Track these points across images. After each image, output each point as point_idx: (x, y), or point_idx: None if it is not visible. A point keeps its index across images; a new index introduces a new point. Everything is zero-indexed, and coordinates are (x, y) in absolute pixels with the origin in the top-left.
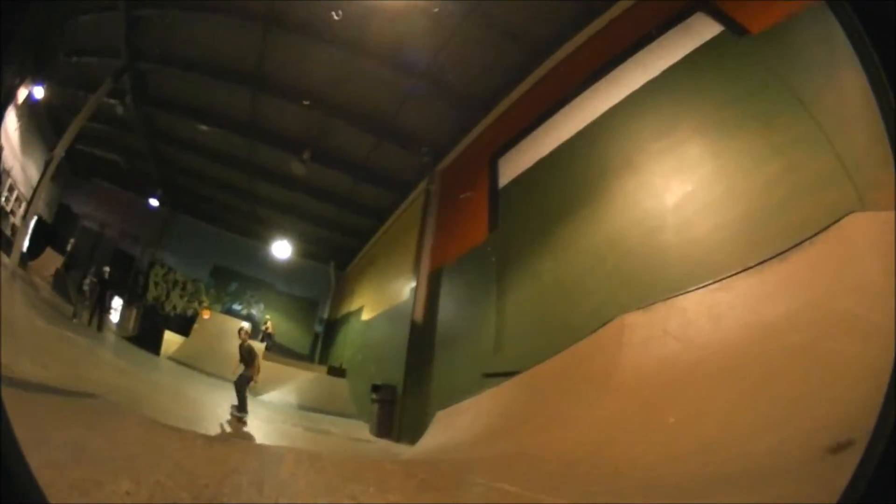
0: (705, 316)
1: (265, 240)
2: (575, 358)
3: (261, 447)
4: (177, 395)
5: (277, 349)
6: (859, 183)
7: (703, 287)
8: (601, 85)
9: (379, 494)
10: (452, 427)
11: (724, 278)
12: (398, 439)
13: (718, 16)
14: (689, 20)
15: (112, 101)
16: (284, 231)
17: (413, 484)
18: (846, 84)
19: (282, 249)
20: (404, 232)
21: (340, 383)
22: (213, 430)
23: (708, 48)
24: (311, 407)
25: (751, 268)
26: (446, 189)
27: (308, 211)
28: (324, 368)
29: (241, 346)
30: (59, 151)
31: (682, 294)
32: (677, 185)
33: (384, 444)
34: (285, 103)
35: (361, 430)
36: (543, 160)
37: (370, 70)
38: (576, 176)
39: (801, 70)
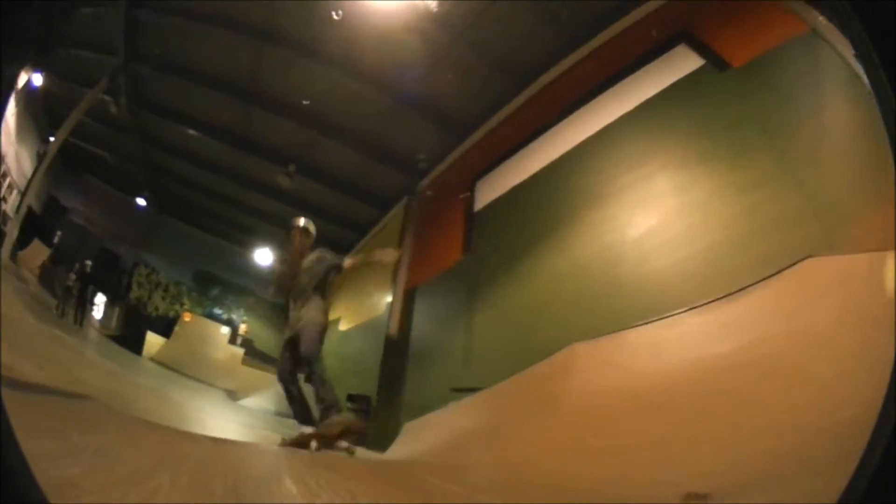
0: (648, 350)
1: (247, 246)
2: (530, 379)
3: (259, 447)
4: (162, 399)
5: (256, 355)
6: (830, 224)
7: (648, 323)
8: (579, 115)
9: (342, 481)
10: (418, 437)
11: (667, 316)
12: (370, 447)
13: (701, 49)
14: (670, 53)
15: (107, 98)
16: (267, 238)
17: (370, 477)
18: (827, 122)
19: (264, 256)
20: (383, 247)
21: None
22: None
23: (687, 82)
24: (288, 413)
25: (696, 307)
26: (426, 208)
27: (290, 221)
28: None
29: (290, 265)
30: (56, 145)
31: (627, 329)
32: (640, 220)
33: (357, 451)
34: (275, 117)
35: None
36: (519, 186)
37: (359, 89)
38: (548, 204)
39: (778, 107)
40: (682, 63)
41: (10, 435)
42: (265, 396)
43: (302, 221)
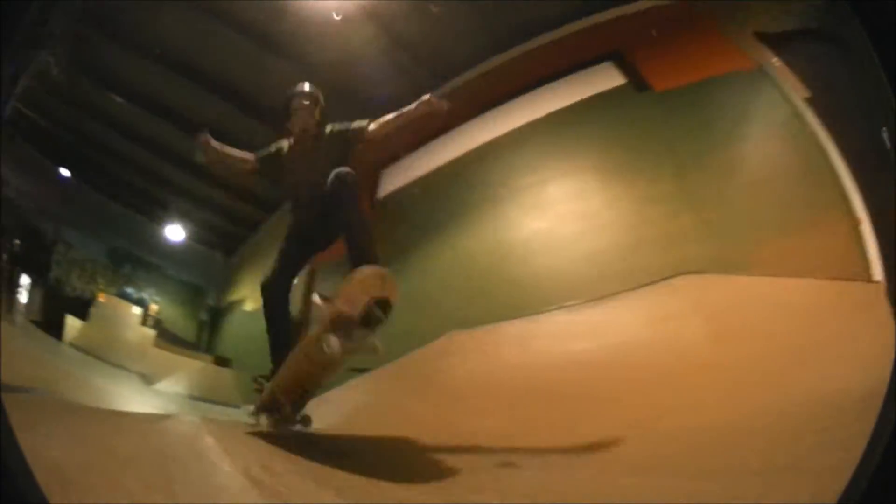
0: (517, 343)
1: (160, 221)
2: (410, 363)
3: (192, 421)
4: (87, 386)
5: (168, 336)
6: (725, 247)
7: (521, 318)
8: (490, 116)
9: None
10: (318, 415)
11: (536, 313)
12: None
13: (627, 68)
14: (595, 67)
15: (50, 58)
16: (179, 214)
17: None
18: (746, 154)
19: (175, 233)
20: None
21: (226, 373)
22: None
23: (604, 97)
24: (198, 397)
25: (565, 307)
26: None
27: (204, 196)
28: (210, 358)
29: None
30: (7, 111)
31: (502, 322)
32: (531, 222)
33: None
34: (204, 92)
35: (245, 418)
36: (422, 178)
37: (292, 73)
38: (446, 198)
39: (695, 133)
40: (604, 79)
41: (10, 435)
42: (177, 380)
43: (307, 86)
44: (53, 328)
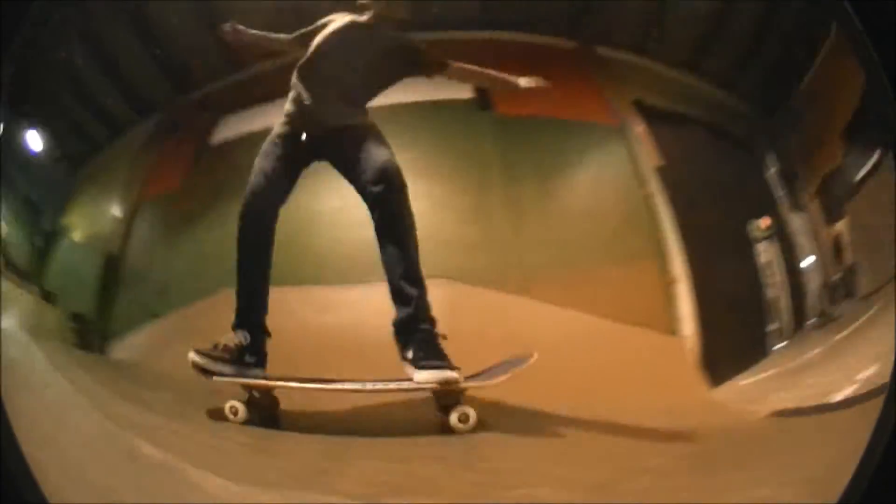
0: (284, 309)
1: (21, 126)
2: (181, 317)
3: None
4: None
5: (7, 264)
6: (506, 264)
7: (300, 286)
8: None
9: None
10: None
11: (317, 284)
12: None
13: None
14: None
15: None
16: (38, 119)
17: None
18: (565, 190)
19: (34, 140)
20: (124, 155)
21: (49, 310)
22: None
23: (449, 105)
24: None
25: (366, 283)
26: (181, 122)
27: (62, 102)
28: (38, 291)
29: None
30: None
31: (282, 287)
32: (334, 200)
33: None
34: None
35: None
36: (257, 133)
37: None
38: None
39: (517, 161)
40: (455, 88)
41: (10, 435)
42: (10, 315)
43: None
44: None
